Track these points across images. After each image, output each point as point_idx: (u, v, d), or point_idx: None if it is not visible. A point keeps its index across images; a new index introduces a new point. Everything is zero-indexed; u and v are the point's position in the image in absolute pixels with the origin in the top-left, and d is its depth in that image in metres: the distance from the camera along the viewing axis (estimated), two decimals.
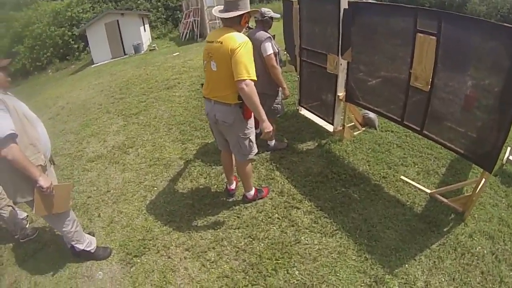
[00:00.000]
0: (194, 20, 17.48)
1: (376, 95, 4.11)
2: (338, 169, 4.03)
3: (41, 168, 2.59)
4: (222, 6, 2.95)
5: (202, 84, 3.24)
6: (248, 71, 2.72)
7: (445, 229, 3.12)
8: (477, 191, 3.13)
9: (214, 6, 12.42)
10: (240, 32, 2.89)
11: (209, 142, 4.98)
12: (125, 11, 20.24)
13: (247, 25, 3.00)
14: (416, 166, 3.97)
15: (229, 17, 2.84)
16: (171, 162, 4.62)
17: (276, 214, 3.47)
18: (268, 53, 3.91)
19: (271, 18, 4.12)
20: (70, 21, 21.84)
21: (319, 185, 3.81)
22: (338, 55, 4.27)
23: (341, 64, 4.31)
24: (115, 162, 4.85)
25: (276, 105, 4.34)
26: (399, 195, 3.51)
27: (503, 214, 3.35)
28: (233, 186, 3.78)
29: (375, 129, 4.93)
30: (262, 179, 4.05)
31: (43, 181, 2.50)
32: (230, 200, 3.75)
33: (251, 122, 3.13)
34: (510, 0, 15.92)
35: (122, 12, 19.46)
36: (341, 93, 4.47)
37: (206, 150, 4.80)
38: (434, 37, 3.03)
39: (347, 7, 4.01)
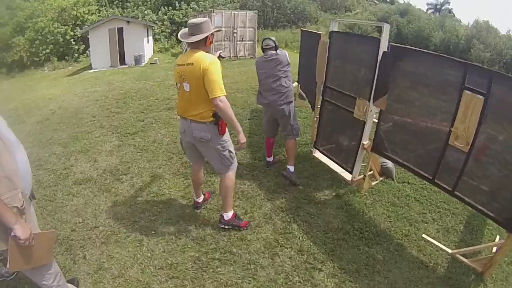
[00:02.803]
0: None
1: (407, 149, 3.83)
2: (360, 224, 3.74)
3: (18, 211, 1.98)
4: (187, 30, 3.14)
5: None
6: (221, 88, 2.94)
7: None
8: (500, 254, 3.04)
9: (222, 28, 12.51)
10: (208, 52, 3.09)
11: (215, 180, 4.44)
12: (131, 19, 19.83)
13: (211, 44, 3.22)
14: (436, 223, 3.83)
15: (195, 41, 3.04)
16: (172, 201, 4.06)
17: (297, 277, 3.04)
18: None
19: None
20: (74, 20, 21.47)
21: (341, 242, 3.48)
22: (369, 101, 3.94)
23: (371, 111, 3.99)
24: (106, 190, 4.28)
25: (293, 123, 4.44)
26: (422, 255, 3.34)
27: None
28: (199, 200, 3.89)
29: (392, 179, 4.68)
30: (279, 233, 3.58)
31: (21, 231, 1.93)
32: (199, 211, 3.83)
33: (226, 135, 3.29)
34: None
35: (128, 20, 18.99)
36: (366, 142, 4.14)
37: (212, 190, 4.28)
38: (482, 97, 2.84)
39: (386, 49, 3.71)
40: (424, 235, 3.57)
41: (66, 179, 4.56)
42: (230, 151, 3.32)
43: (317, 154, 5.13)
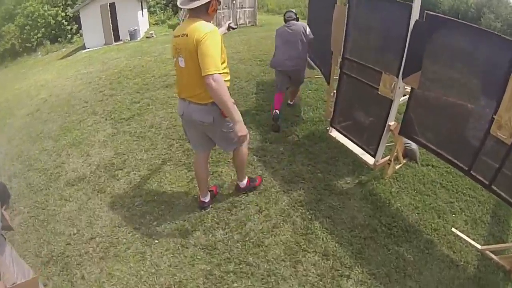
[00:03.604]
0: None
1: (441, 135, 3.36)
2: (387, 219, 3.36)
3: None
4: None
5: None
6: (216, 64, 2.47)
7: None
8: None
9: None
10: (208, 22, 2.63)
11: (223, 171, 3.98)
12: None
13: (215, 13, 2.74)
14: (463, 213, 3.53)
15: (195, 7, 2.58)
16: (174, 200, 3.58)
17: None
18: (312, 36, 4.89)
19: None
20: (65, 0, 20.50)
21: (368, 242, 3.11)
22: (397, 77, 3.40)
23: (399, 88, 3.46)
24: (101, 190, 3.82)
25: (303, 76, 5.07)
26: (452, 252, 3.08)
27: None
28: (206, 199, 3.39)
29: (416, 162, 4.27)
30: (299, 233, 3.14)
31: None
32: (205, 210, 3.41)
33: None
34: None
35: None
36: (392, 123, 3.65)
37: (220, 183, 3.80)
38: None
39: (417, 18, 3.14)
40: (453, 229, 3.32)
41: (57, 180, 4.11)
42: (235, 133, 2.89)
43: (334, 133, 4.62)
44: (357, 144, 4.21)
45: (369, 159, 4.04)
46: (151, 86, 7.03)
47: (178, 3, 2.73)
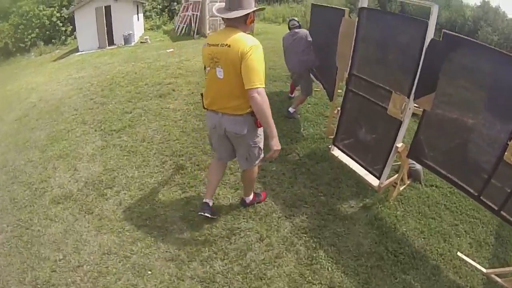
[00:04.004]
0: (193, 14, 15.75)
1: (452, 159, 3.30)
2: (393, 245, 3.25)
3: None
4: (223, 4, 2.69)
5: (202, 94, 2.95)
6: (260, 78, 2.52)
7: None
8: None
9: (217, 2, 11.22)
10: (245, 32, 2.64)
11: (220, 193, 3.73)
12: None
13: (252, 24, 2.80)
14: (468, 235, 3.53)
15: (234, 17, 2.58)
16: (168, 225, 3.30)
17: None
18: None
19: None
20: (60, 0, 20.01)
21: (375, 271, 2.98)
22: (408, 97, 3.26)
23: (409, 109, 3.32)
24: (88, 211, 3.54)
25: (307, 84, 5.51)
26: (458, 278, 3.05)
27: None
28: (210, 202, 3.25)
29: (420, 183, 4.18)
30: (304, 264, 2.95)
31: None
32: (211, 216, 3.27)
33: (261, 129, 2.91)
34: None
35: None
36: (400, 145, 3.51)
37: (218, 208, 3.53)
38: None
39: (432, 36, 3.00)
40: (459, 253, 3.28)
41: (43, 197, 3.83)
42: (260, 148, 3.01)
43: (336, 152, 4.43)
44: (361, 165, 4.06)
45: (373, 181, 3.89)
46: (143, 95, 6.73)
47: (215, 11, 2.72)
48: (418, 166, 4.04)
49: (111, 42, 16.80)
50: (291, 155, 4.50)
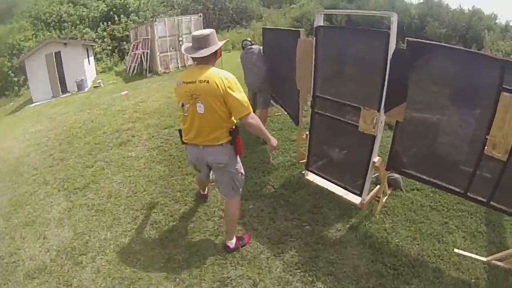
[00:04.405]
0: (143, 52, 15.47)
1: (433, 164, 3.31)
2: (390, 259, 3.22)
3: None
4: (190, 43, 2.90)
5: (179, 130, 3.10)
6: (247, 105, 2.76)
7: None
8: None
9: (166, 37, 11.26)
10: (214, 66, 2.86)
11: (196, 240, 3.53)
12: (68, 40, 18.12)
13: (220, 58, 3.00)
14: (460, 230, 3.58)
15: (205, 55, 2.79)
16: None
17: None
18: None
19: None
20: (10, 49, 19.57)
21: None
22: (378, 111, 3.23)
23: (381, 122, 3.29)
24: (66, 283, 3.21)
25: (266, 97, 5.55)
26: (460, 273, 3.08)
27: None
28: (206, 192, 4.09)
29: (401, 190, 4.16)
30: None
31: None
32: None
33: (239, 156, 3.12)
34: (464, 18, 16.16)
35: (65, 42, 17.26)
36: (376, 159, 3.48)
37: (203, 257, 3.30)
38: None
39: (395, 46, 3.01)
40: (456, 250, 3.31)
41: (15, 272, 3.48)
42: (242, 174, 3.18)
43: (311, 177, 4.31)
44: (339, 185, 3.98)
45: (354, 198, 3.84)
46: (103, 145, 6.44)
47: (184, 51, 2.91)
48: (396, 175, 4.00)
49: (64, 89, 16.35)
50: (266, 189, 4.33)
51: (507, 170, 2.70)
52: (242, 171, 3.17)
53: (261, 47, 5.59)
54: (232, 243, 3.31)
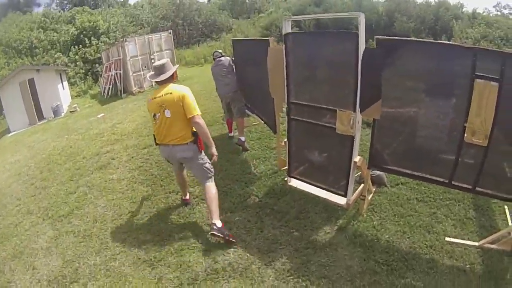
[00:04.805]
0: (116, 73, 15.30)
1: (414, 158, 3.33)
2: (382, 256, 3.24)
3: None
4: (152, 72, 3.88)
5: (154, 134, 3.86)
6: (197, 108, 3.59)
7: (509, 276, 2.92)
8: None
9: (138, 56, 11.73)
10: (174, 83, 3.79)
11: (191, 260, 3.47)
12: (41, 66, 17.81)
13: (176, 78, 4.04)
14: (449, 218, 3.64)
15: (164, 79, 3.72)
16: None
17: None
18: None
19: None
20: None
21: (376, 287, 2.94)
22: (354, 111, 3.28)
23: (358, 122, 3.35)
24: None
25: (239, 105, 5.72)
26: (454, 261, 3.12)
27: None
28: (187, 197, 4.42)
29: (386, 186, 4.22)
30: None
31: None
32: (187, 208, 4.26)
33: (203, 152, 3.82)
34: (432, 10, 16.52)
35: (38, 68, 16.88)
36: (357, 159, 3.51)
37: (193, 277, 3.24)
38: (496, 83, 2.58)
39: (364, 45, 3.07)
40: (447, 238, 3.36)
41: None
42: (209, 163, 3.82)
43: (294, 183, 4.33)
44: (322, 188, 3.99)
45: (339, 200, 3.85)
46: (84, 170, 6.38)
47: (149, 78, 3.94)
48: (378, 171, 4.04)
49: (40, 116, 15.97)
50: (250, 199, 4.35)
51: (489, 154, 2.77)
52: (208, 161, 3.81)
53: (231, 58, 5.84)
54: (218, 222, 3.58)
